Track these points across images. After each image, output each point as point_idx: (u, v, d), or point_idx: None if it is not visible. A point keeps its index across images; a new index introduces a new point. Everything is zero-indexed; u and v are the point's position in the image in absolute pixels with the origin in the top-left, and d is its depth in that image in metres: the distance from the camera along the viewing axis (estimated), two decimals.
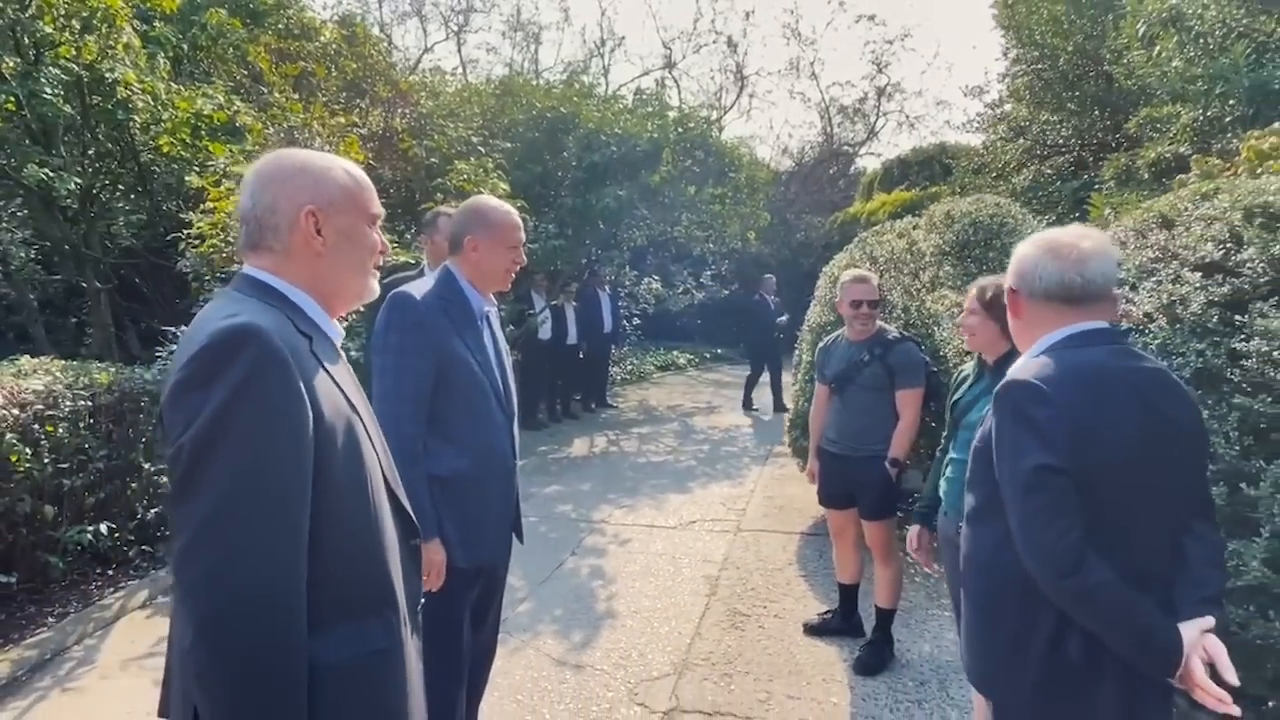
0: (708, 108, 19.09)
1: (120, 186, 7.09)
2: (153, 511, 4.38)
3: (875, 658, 3.32)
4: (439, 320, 2.06)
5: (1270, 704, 2.44)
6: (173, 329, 5.49)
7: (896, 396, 3.23)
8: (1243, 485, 2.30)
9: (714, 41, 22.03)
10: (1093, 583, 1.31)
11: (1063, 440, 1.36)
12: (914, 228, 4.74)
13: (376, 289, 1.34)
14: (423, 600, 1.35)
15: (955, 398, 2.71)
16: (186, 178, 5.95)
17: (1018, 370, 1.50)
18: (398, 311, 2.04)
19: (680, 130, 8.97)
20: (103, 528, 3.91)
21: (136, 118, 5.63)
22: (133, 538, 4.30)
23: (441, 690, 2.08)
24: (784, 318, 9.58)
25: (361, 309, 2.16)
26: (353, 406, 1.20)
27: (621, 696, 3.11)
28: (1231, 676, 1.29)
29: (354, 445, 1.17)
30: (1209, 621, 1.34)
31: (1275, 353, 2.27)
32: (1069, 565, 1.32)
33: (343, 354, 1.29)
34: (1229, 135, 6.04)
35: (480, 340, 2.15)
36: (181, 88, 6.07)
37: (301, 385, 1.07)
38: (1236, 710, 1.28)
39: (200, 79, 7.24)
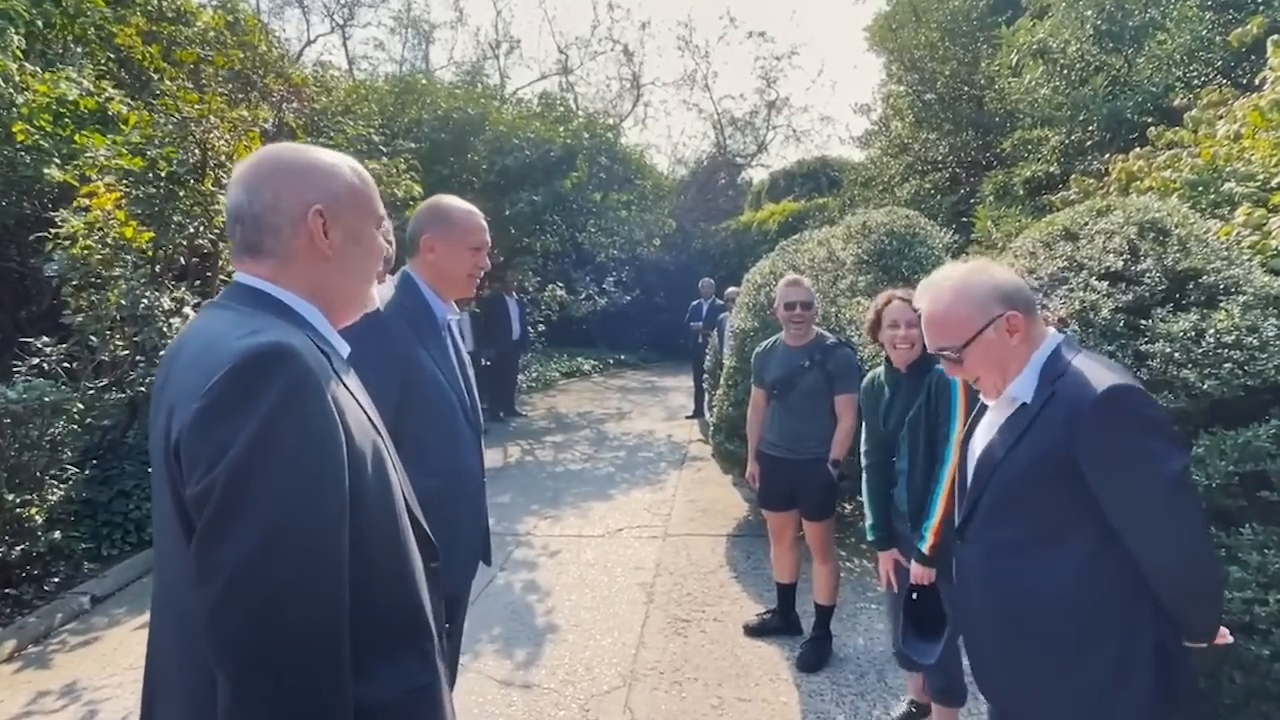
0: (603, 114, 19.21)
1: None
2: (17, 549, 3.84)
3: (817, 654, 3.42)
4: (401, 330, 1.91)
5: None
6: (34, 340, 4.86)
7: (835, 400, 3.34)
8: None
9: (611, 50, 22.27)
10: (1223, 570, 1.37)
11: (1179, 436, 1.36)
12: (832, 237, 4.96)
13: (377, 299, 1.25)
14: (447, 626, 1.25)
15: (882, 413, 2.66)
16: (45, 170, 5.31)
17: (1093, 377, 1.38)
18: (357, 321, 1.87)
19: (589, 136, 8.94)
20: None
21: None
22: None
23: None
24: (698, 323, 9.62)
25: None
26: (375, 426, 1.11)
27: (574, 715, 3.03)
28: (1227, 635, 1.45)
29: (381, 467, 1.09)
30: None
31: (1176, 354, 2.53)
32: (1214, 557, 1.34)
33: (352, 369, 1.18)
34: (1089, 157, 6.76)
35: (445, 351, 2.02)
36: (38, 69, 5.39)
37: (335, 409, 0.98)
38: (1230, 638, 1.44)
39: (54, 60, 6.47)
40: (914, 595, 2.32)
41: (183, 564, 0.93)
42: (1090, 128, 6.86)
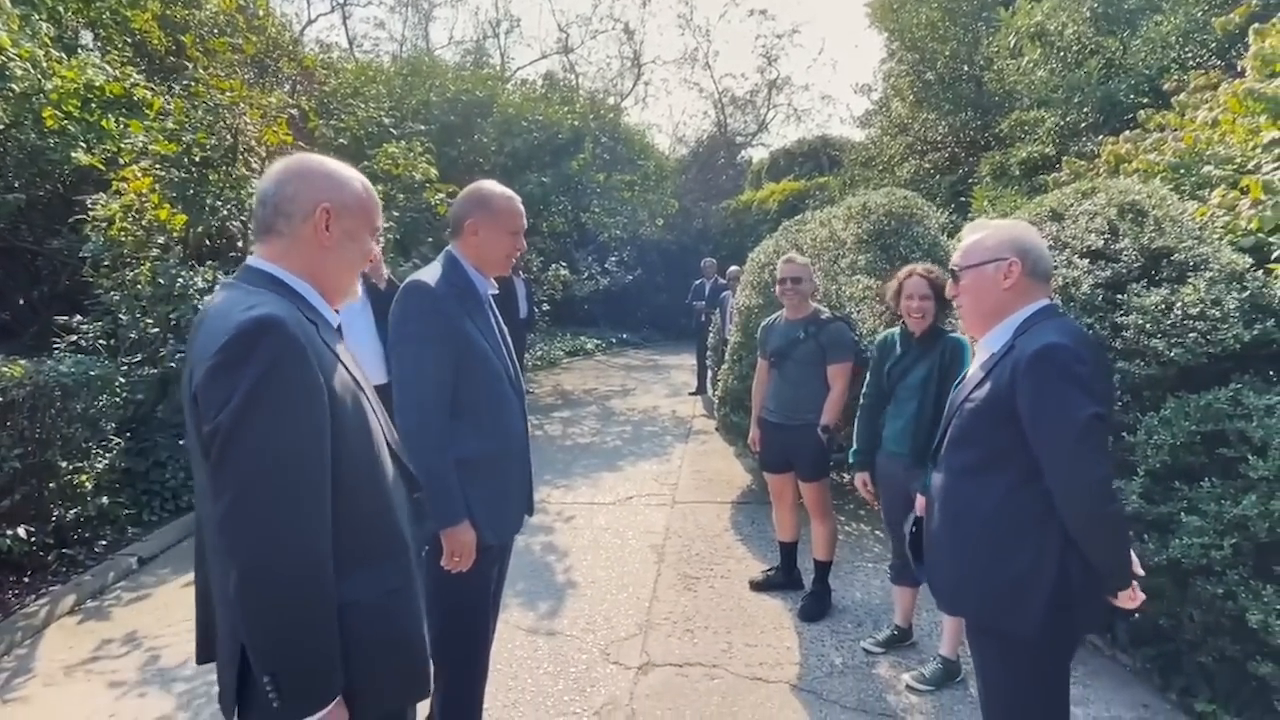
0: (604, 93, 19.25)
1: None
2: (71, 513, 4.10)
3: (817, 606, 3.70)
4: (452, 306, 2.12)
5: (1136, 615, 2.99)
6: (67, 317, 5.09)
7: (828, 370, 3.59)
8: (1124, 434, 2.80)
9: (611, 28, 22.22)
10: (1119, 508, 1.62)
11: (1100, 391, 1.61)
12: (834, 218, 5.17)
13: (359, 292, 1.51)
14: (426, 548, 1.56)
15: (888, 366, 3.13)
16: (73, 154, 5.50)
17: (1041, 335, 1.64)
18: (415, 299, 2.06)
19: (594, 118, 9.09)
20: (20, 531, 3.65)
21: (15, 87, 5.12)
22: (50, 541, 4.01)
23: (468, 671, 2.20)
24: (701, 302, 9.82)
25: None
26: (357, 381, 1.36)
27: (596, 657, 3.31)
28: (1140, 570, 1.71)
29: (361, 414, 1.34)
30: None
31: (1148, 325, 2.77)
32: (1110, 495, 1.59)
33: (341, 335, 1.43)
34: (1083, 139, 6.94)
35: (489, 323, 2.24)
36: (64, 55, 5.56)
37: (316, 365, 1.23)
38: (1143, 596, 1.70)
39: (73, 46, 6.62)
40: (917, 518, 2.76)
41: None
42: (1085, 110, 7.02)
